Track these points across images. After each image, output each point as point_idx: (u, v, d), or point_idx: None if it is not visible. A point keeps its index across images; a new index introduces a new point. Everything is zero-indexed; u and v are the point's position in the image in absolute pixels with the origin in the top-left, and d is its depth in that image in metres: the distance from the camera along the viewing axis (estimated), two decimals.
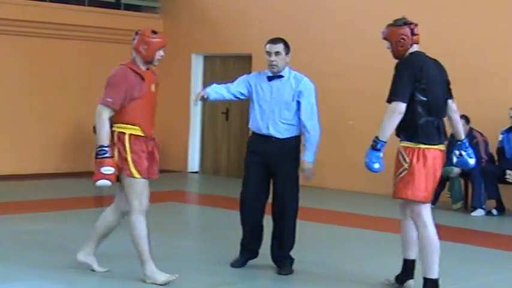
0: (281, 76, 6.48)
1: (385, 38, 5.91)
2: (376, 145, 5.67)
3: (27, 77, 13.21)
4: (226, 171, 14.07)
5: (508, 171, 10.03)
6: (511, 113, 10.19)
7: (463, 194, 10.58)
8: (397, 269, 6.85)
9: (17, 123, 13.12)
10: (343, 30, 12.35)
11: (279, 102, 6.42)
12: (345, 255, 7.56)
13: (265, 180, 6.54)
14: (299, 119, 6.47)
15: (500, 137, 10.33)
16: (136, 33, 6.10)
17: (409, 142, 5.71)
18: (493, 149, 10.51)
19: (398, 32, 5.82)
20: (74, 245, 6.69)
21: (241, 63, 13.76)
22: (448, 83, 5.99)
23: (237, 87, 6.59)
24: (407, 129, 5.70)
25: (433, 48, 11.34)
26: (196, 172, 14.46)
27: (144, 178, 6.02)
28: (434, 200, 10.61)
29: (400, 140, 5.82)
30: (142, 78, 5.99)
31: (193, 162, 14.52)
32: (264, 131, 6.43)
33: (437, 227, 9.72)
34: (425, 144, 5.66)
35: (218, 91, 6.59)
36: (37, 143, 13.08)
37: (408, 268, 6.07)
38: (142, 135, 6.00)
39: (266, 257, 6.66)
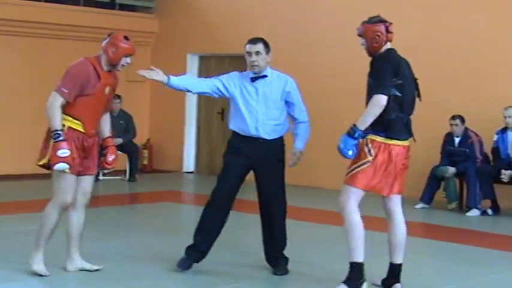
0: (265, 76, 6.43)
1: (360, 35, 5.98)
2: (354, 133, 5.70)
3: (22, 76, 13.20)
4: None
5: (503, 171, 10.05)
6: (505, 113, 10.21)
7: (458, 194, 10.59)
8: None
9: (14, 123, 13.10)
10: (341, 30, 12.34)
11: (266, 102, 6.37)
12: (340, 255, 7.53)
13: (241, 183, 6.49)
14: (292, 116, 6.55)
15: (495, 137, 10.34)
16: (109, 34, 6.12)
17: (377, 136, 5.75)
18: (488, 149, 10.52)
19: (374, 29, 5.90)
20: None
21: (236, 63, 13.75)
22: (416, 82, 6.05)
23: (217, 84, 6.43)
24: (377, 123, 5.71)
25: (429, 48, 11.44)
26: (191, 172, 14.46)
27: (73, 174, 6.03)
28: (429, 200, 10.66)
29: (368, 133, 5.80)
30: (99, 78, 6.01)
31: (189, 162, 14.51)
32: (253, 133, 6.36)
33: (433, 226, 9.78)
34: (392, 139, 5.73)
35: (187, 80, 6.44)
36: (35, 142, 12.89)
37: (394, 272, 6.09)
38: (82, 131, 6.03)
39: (262, 257, 6.66)
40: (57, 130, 5.90)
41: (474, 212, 10.14)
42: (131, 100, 13.76)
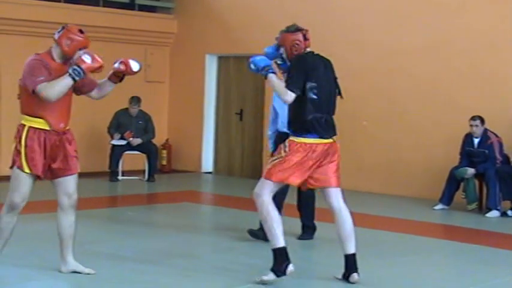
0: None
1: (279, 44, 6.32)
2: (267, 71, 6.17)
3: None
4: (240, 172, 14.06)
5: None
6: None
7: (477, 194, 10.54)
8: (406, 269, 6.88)
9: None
10: (355, 31, 12.33)
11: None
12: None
13: None
14: None
15: None
16: (63, 27, 6.00)
17: (295, 137, 6.14)
18: (508, 150, 10.46)
19: (292, 38, 6.23)
20: (90, 245, 6.71)
21: None
22: (336, 80, 6.40)
23: None
24: (295, 124, 6.17)
25: (448, 49, 11.38)
26: (210, 172, 14.47)
27: (32, 175, 5.93)
28: (449, 201, 10.61)
29: (289, 133, 6.24)
30: (51, 71, 5.86)
31: (207, 163, 14.52)
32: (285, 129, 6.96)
33: (452, 228, 9.72)
34: (309, 138, 6.10)
35: None
36: None
37: (350, 262, 6.25)
38: (46, 128, 5.92)
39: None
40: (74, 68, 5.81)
41: (494, 213, 10.09)
42: (150, 100, 13.80)
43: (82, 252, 6.47)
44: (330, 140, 6.20)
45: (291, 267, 6.07)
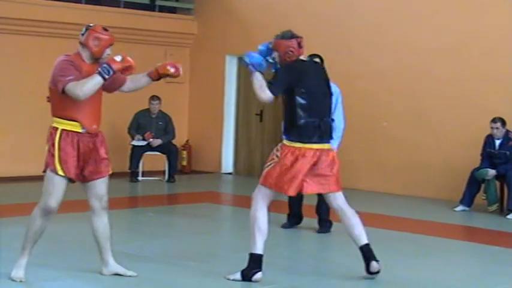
0: None
1: (272, 48, 6.35)
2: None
3: None
4: (260, 173, 13.98)
5: None
6: None
7: (498, 196, 10.49)
8: (427, 271, 6.87)
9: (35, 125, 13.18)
10: (375, 30, 12.30)
11: None
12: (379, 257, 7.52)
13: None
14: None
15: None
16: (87, 28, 5.99)
17: (287, 141, 6.27)
18: None
19: (287, 44, 6.27)
20: (116, 246, 6.71)
21: None
22: (328, 84, 6.43)
23: None
24: (288, 129, 6.29)
25: (468, 50, 11.34)
26: (230, 173, 14.49)
27: (67, 177, 5.88)
28: (470, 203, 10.57)
29: (283, 139, 6.36)
30: (81, 73, 5.83)
31: (227, 163, 14.55)
32: None
33: (473, 229, 9.68)
34: (302, 143, 6.17)
35: None
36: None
37: (367, 252, 6.31)
38: (79, 131, 5.89)
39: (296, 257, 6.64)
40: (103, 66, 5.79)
41: None
42: (170, 101, 13.83)
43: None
44: (323, 146, 6.23)
45: (259, 275, 6.13)
